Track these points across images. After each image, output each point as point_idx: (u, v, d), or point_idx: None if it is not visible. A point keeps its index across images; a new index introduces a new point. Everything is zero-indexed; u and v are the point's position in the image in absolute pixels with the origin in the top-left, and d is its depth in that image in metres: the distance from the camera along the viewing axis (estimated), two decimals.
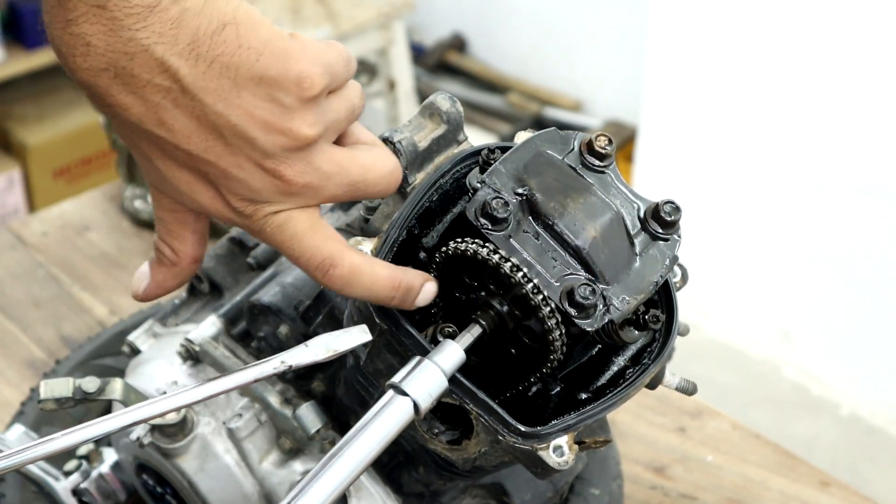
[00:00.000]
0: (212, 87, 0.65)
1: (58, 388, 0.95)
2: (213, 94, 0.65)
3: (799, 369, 3.20)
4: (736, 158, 3.09)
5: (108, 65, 0.63)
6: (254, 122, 0.67)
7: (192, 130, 0.66)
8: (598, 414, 0.77)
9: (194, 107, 0.65)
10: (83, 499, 1.12)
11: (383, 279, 0.74)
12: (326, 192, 0.72)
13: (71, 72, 0.65)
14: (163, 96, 0.65)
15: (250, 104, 0.66)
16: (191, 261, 0.76)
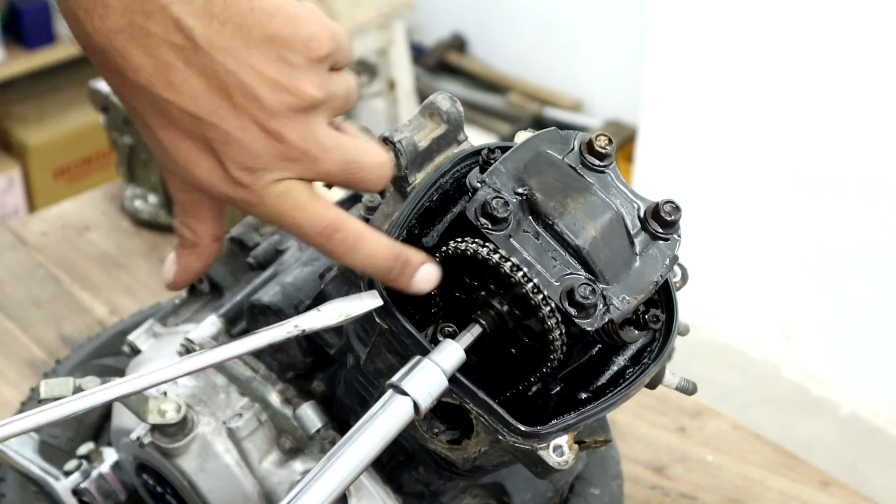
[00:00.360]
0: (224, 45, 0.67)
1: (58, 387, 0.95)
2: (225, 52, 0.67)
3: (799, 369, 3.20)
4: (736, 158, 3.09)
5: (125, 25, 0.66)
6: (262, 81, 0.68)
7: (201, 91, 0.68)
8: (598, 414, 0.77)
9: (205, 66, 0.67)
10: (83, 499, 1.12)
11: (385, 248, 0.75)
12: (323, 166, 0.73)
13: (86, 36, 0.67)
14: (176, 55, 0.67)
15: (260, 63, 0.68)
16: (211, 239, 0.78)
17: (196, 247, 0.78)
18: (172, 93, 0.68)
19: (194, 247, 0.78)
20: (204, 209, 0.76)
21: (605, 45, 3.99)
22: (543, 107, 4.24)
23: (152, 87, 0.68)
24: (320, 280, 0.99)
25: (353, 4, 3.91)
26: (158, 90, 0.68)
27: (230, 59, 0.68)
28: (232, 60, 0.68)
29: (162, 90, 0.68)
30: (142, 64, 0.67)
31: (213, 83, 0.68)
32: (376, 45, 3.99)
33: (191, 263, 0.78)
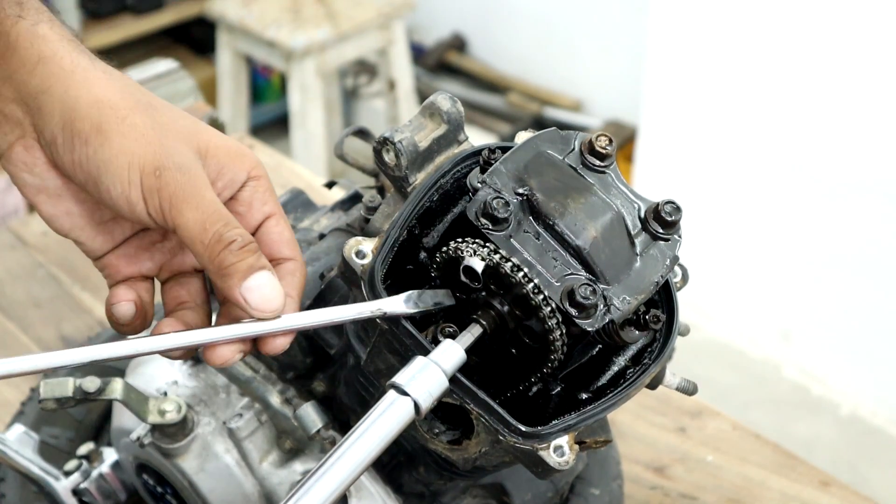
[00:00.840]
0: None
1: (58, 387, 0.95)
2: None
3: (799, 369, 3.20)
4: (736, 158, 3.09)
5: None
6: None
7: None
8: (598, 414, 0.77)
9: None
10: (83, 499, 1.12)
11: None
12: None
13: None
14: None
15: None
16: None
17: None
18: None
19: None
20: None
21: (605, 45, 3.99)
22: (543, 107, 4.24)
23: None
24: (321, 280, 0.99)
25: (353, 4, 3.91)
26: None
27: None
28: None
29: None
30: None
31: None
32: (376, 45, 3.99)
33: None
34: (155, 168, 0.72)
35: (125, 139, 0.72)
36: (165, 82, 1.67)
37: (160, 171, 0.71)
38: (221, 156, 0.76)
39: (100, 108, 0.73)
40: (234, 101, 4.07)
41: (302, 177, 1.87)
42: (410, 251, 0.82)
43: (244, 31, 3.85)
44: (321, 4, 3.90)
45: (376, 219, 0.87)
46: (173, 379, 1.05)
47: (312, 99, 3.84)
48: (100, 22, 4.06)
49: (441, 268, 0.80)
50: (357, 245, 0.80)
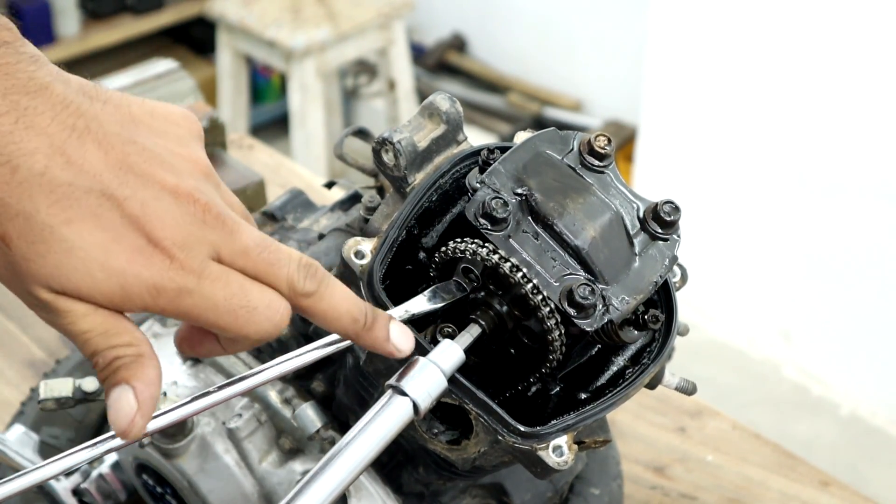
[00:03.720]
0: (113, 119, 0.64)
1: (58, 387, 0.95)
2: (117, 124, 0.64)
3: (799, 369, 3.20)
4: (736, 158, 3.09)
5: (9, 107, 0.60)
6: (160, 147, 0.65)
7: (102, 164, 0.62)
8: (597, 414, 0.77)
9: (101, 140, 0.62)
10: (83, 499, 1.12)
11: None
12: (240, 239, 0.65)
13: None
14: (69, 133, 0.61)
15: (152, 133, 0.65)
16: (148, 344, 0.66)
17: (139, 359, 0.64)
18: (75, 172, 0.61)
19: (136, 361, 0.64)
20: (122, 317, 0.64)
21: (605, 45, 3.99)
22: (543, 107, 4.24)
23: (50, 171, 0.60)
24: None
25: (353, 4, 3.91)
26: (58, 172, 0.60)
27: (123, 130, 0.64)
28: (125, 130, 0.64)
29: (61, 171, 0.60)
30: (35, 146, 0.60)
31: (111, 156, 0.62)
32: (376, 45, 4.00)
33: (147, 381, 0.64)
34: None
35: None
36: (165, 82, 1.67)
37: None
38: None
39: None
40: (234, 101, 4.07)
41: (302, 177, 1.87)
42: (409, 251, 0.82)
43: (244, 31, 3.85)
44: (321, 4, 3.90)
45: (375, 219, 0.88)
46: (173, 379, 1.05)
47: (312, 99, 3.84)
48: (100, 22, 4.07)
49: (440, 268, 0.80)
50: (356, 245, 0.80)
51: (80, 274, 0.61)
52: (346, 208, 1.13)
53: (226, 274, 0.64)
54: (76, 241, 0.61)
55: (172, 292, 0.63)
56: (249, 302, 0.64)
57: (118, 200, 0.62)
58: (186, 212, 0.63)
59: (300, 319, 1.00)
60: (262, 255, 0.66)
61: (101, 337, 0.63)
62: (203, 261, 0.63)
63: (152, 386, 0.64)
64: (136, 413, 0.64)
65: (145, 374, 0.64)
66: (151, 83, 1.66)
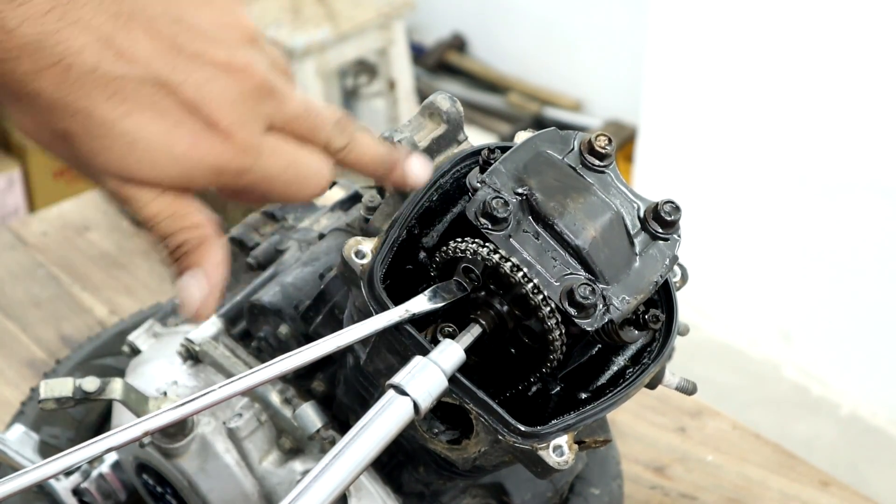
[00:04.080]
0: (155, 2, 0.64)
1: (58, 387, 0.95)
2: (160, 3, 0.63)
3: (799, 369, 3.20)
4: (736, 158, 3.09)
5: (52, 4, 0.59)
6: (207, 23, 0.65)
7: (153, 52, 0.62)
8: (597, 414, 0.77)
9: (147, 25, 0.62)
10: (83, 499, 1.12)
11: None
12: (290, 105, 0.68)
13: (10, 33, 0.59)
14: (114, 23, 0.61)
15: (195, 8, 0.65)
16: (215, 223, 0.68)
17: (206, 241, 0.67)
18: (126, 64, 0.61)
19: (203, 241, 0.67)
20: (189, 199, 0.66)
21: (605, 45, 3.99)
22: (543, 107, 4.24)
23: (102, 66, 0.61)
24: (320, 280, 0.99)
25: (353, 4, 3.91)
26: (110, 66, 0.61)
27: (168, 9, 0.63)
28: (170, 10, 0.63)
29: (113, 65, 0.61)
30: (84, 42, 0.60)
31: (161, 41, 0.62)
32: (376, 45, 3.99)
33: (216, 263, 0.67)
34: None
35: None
36: None
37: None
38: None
39: None
40: None
41: None
42: (410, 251, 0.82)
43: None
44: (321, 4, 3.90)
45: (376, 219, 0.88)
46: (173, 379, 1.05)
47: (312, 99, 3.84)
48: None
49: (441, 267, 0.80)
50: (356, 245, 0.80)
51: (145, 163, 0.63)
52: (346, 208, 1.13)
53: (280, 146, 0.67)
54: (137, 132, 0.62)
55: (234, 172, 0.65)
56: (300, 170, 0.68)
57: (173, 86, 0.63)
58: (241, 88, 0.65)
59: (301, 319, 1.00)
60: (308, 121, 0.69)
61: (169, 220, 0.66)
62: (259, 136, 0.66)
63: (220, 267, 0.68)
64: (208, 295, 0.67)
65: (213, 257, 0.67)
66: None
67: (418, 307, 0.76)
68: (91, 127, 0.62)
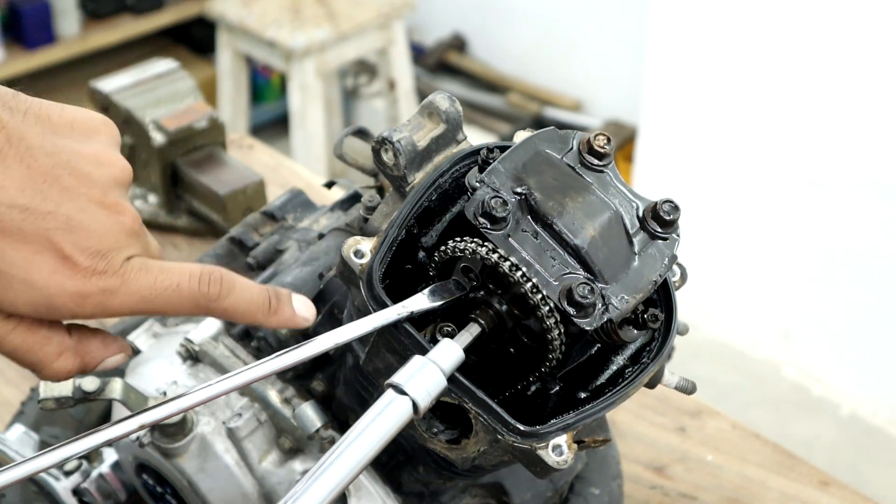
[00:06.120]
0: (35, 131, 0.64)
1: (58, 387, 0.95)
2: (38, 136, 0.64)
3: (799, 369, 3.20)
4: (736, 158, 3.09)
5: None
6: (84, 158, 0.65)
7: (26, 180, 0.62)
8: (597, 413, 0.77)
9: (23, 154, 0.62)
10: (83, 499, 1.12)
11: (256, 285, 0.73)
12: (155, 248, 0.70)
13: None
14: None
15: (73, 144, 0.66)
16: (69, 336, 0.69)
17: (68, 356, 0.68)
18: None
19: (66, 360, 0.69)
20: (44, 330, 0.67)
21: (605, 45, 4.00)
22: (543, 107, 4.24)
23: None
24: (319, 280, 0.99)
25: (353, 4, 3.92)
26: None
27: (45, 143, 0.64)
28: (48, 143, 0.64)
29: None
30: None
31: (35, 170, 0.62)
32: (376, 45, 4.00)
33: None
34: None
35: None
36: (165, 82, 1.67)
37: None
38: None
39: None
40: (234, 101, 4.07)
41: (302, 177, 1.87)
42: (409, 251, 0.82)
43: (244, 31, 3.85)
44: (321, 4, 3.90)
45: (375, 218, 0.88)
46: (173, 379, 1.05)
47: (312, 99, 3.84)
48: (100, 22, 4.07)
49: (440, 267, 0.80)
50: (355, 244, 0.80)
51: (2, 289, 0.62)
52: (345, 208, 1.13)
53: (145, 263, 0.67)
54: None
55: (98, 296, 0.64)
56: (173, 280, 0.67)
57: (41, 214, 0.62)
58: (112, 223, 0.65)
59: None
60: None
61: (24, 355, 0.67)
62: (125, 262, 0.65)
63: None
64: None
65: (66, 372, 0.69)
66: (151, 83, 1.66)
67: (417, 306, 0.76)
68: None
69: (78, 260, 0.63)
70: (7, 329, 0.65)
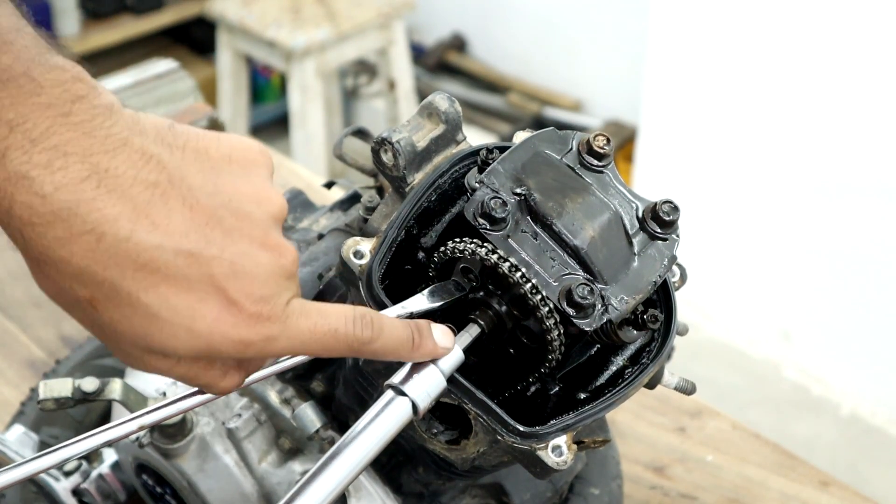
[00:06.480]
0: (194, 169, 0.62)
1: (57, 388, 0.95)
2: (199, 176, 0.62)
3: (799, 369, 3.20)
4: (736, 158, 3.09)
5: (90, 171, 0.58)
6: (244, 197, 0.64)
7: (190, 224, 0.61)
8: (596, 414, 0.77)
9: (185, 195, 0.61)
10: (83, 499, 1.12)
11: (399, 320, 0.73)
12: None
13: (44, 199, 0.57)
14: (151, 192, 0.59)
15: (233, 181, 0.64)
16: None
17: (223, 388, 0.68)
18: (160, 235, 0.59)
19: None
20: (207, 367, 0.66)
21: (605, 45, 3.99)
22: (543, 107, 4.24)
23: (136, 237, 0.58)
24: (319, 280, 0.99)
25: (353, 4, 3.91)
26: (144, 236, 0.59)
27: (206, 183, 0.62)
28: (209, 184, 0.62)
29: (148, 236, 0.59)
30: (119, 211, 0.58)
31: (198, 213, 0.61)
32: (376, 45, 4.00)
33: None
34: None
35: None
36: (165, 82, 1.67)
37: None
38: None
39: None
40: (234, 101, 4.07)
41: (301, 177, 1.87)
42: (408, 251, 0.82)
43: (244, 31, 3.85)
44: (321, 4, 3.90)
45: (374, 219, 0.88)
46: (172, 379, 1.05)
47: (312, 99, 3.84)
48: (100, 22, 4.07)
49: (439, 268, 0.80)
50: (355, 245, 0.80)
51: (166, 336, 0.61)
52: (345, 208, 1.13)
53: (304, 306, 0.66)
54: (161, 306, 0.60)
55: (260, 343, 0.63)
56: (331, 325, 0.67)
57: (206, 259, 0.61)
58: (274, 266, 0.64)
59: None
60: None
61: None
62: (286, 306, 0.64)
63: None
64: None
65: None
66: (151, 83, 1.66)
67: (417, 306, 0.76)
68: (115, 296, 0.60)
69: (243, 305, 0.62)
70: (171, 364, 0.64)
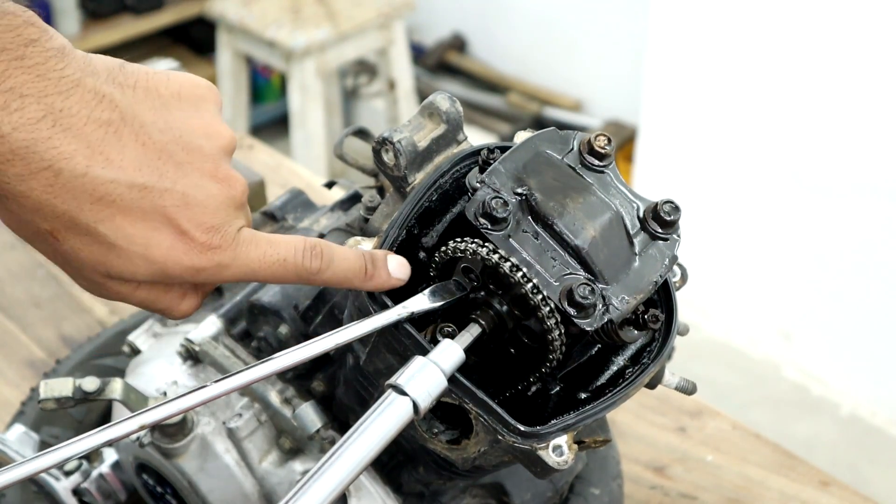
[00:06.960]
0: (146, 107, 0.66)
1: (58, 387, 0.95)
2: (150, 112, 0.66)
3: (799, 369, 3.20)
4: (736, 158, 3.09)
5: (45, 111, 0.61)
6: (194, 131, 0.68)
7: (142, 159, 0.65)
8: (597, 413, 0.77)
9: (138, 132, 0.64)
10: (83, 498, 1.12)
11: (352, 251, 0.76)
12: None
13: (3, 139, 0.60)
14: (105, 130, 0.63)
15: (183, 116, 0.68)
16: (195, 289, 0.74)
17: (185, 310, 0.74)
18: (115, 170, 0.63)
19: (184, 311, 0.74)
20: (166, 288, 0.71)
21: (605, 45, 3.99)
22: (543, 107, 4.24)
23: (92, 172, 0.62)
24: None
25: (353, 4, 3.91)
26: (99, 171, 0.63)
27: (158, 119, 0.66)
28: (160, 119, 0.66)
29: (102, 171, 0.63)
30: (75, 148, 0.62)
31: (150, 148, 0.65)
32: (376, 45, 4.00)
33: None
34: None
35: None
36: None
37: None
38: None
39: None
40: (234, 101, 4.07)
41: (302, 177, 1.87)
42: (409, 251, 0.82)
43: (244, 31, 3.85)
44: (321, 4, 3.90)
45: (375, 219, 0.88)
46: (173, 379, 1.05)
47: (312, 99, 3.84)
48: (100, 22, 4.07)
49: (440, 267, 0.80)
50: (356, 245, 0.80)
51: (123, 262, 0.66)
52: (346, 208, 1.13)
53: (254, 236, 0.70)
54: (117, 235, 0.65)
55: (212, 269, 0.68)
56: (279, 254, 0.71)
57: (159, 192, 0.65)
58: (224, 196, 0.68)
59: (300, 319, 1.00)
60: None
61: (151, 305, 0.71)
62: (236, 234, 0.69)
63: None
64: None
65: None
66: None
67: (417, 306, 0.76)
68: (74, 227, 0.65)
69: (194, 235, 0.67)
70: (131, 289, 0.69)
